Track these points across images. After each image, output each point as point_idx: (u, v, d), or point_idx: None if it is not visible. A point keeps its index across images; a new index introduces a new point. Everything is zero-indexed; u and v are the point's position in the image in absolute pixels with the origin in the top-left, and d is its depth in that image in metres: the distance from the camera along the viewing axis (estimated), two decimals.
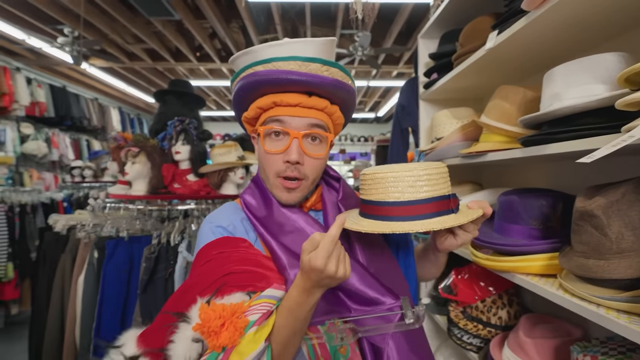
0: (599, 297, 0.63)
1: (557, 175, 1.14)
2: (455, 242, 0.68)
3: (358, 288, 0.63)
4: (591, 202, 0.66)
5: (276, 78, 0.63)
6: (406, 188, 0.60)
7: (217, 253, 0.63)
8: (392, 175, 0.61)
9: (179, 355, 0.51)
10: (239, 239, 0.66)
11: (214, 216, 0.71)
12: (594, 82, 0.70)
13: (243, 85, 0.66)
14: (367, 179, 0.64)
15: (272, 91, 0.66)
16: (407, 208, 0.60)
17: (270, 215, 0.69)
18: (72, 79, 5.70)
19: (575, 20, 0.80)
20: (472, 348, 1.13)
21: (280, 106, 0.65)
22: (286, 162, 0.66)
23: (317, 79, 0.64)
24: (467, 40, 1.16)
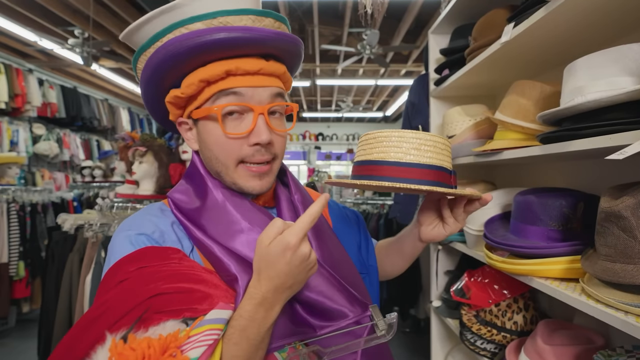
0: (627, 304, 0.59)
1: (574, 174, 1.09)
2: (444, 231, 0.64)
3: (324, 298, 0.52)
4: (618, 202, 0.62)
5: (235, 37, 0.47)
6: (410, 150, 0.56)
7: (135, 269, 0.46)
8: (396, 135, 0.57)
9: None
10: (169, 249, 0.50)
11: (132, 222, 0.54)
12: (620, 75, 0.66)
13: (176, 51, 0.48)
14: (368, 139, 0.60)
15: (220, 57, 0.50)
16: (408, 170, 0.55)
17: (211, 213, 0.53)
18: (83, 80, 5.78)
19: (596, 8, 0.75)
20: (486, 354, 1.09)
21: (236, 75, 0.50)
22: (255, 144, 0.52)
23: (283, 38, 0.52)
24: (481, 34, 1.12)
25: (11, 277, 2.94)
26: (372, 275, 0.70)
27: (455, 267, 1.50)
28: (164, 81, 0.53)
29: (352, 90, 7.11)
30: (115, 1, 3.59)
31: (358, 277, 0.61)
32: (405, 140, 0.56)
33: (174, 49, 0.48)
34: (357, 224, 0.75)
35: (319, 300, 0.52)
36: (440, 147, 0.58)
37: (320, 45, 4.68)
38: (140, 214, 0.57)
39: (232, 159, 0.54)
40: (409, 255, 0.75)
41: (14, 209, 2.94)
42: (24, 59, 4.56)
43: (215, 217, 0.53)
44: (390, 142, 0.57)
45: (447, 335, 1.56)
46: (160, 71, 0.51)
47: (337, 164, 9.30)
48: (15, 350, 2.80)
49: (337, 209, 0.75)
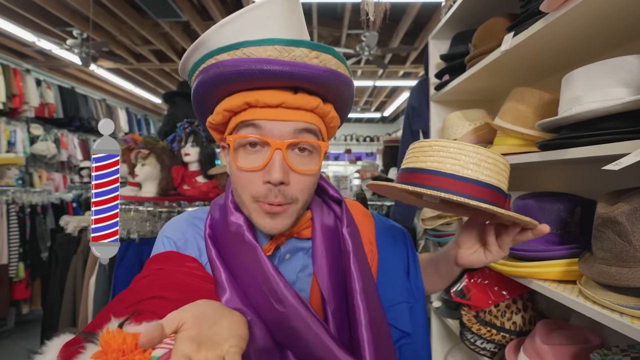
0: (622, 306, 0.62)
1: (571, 179, 1.12)
2: (484, 258, 0.59)
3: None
4: (614, 208, 0.65)
5: (247, 69, 0.45)
6: (468, 164, 0.52)
7: (156, 269, 0.53)
8: (455, 146, 0.53)
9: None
10: (186, 257, 0.54)
11: (169, 225, 0.60)
12: (615, 86, 0.69)
13: (203, 80, 0.49)
14: (423, 146, 0.56)
15: (243, 88, 0.48)
16: (464, 185, 0.50)
17: (230, 242, 0.54)
18: (81, 80, 5.76)
19: (594, 21, 0.78)
20: (486, 353, 1.12)
21: (256, 107, 0.48)
22: (267, 182, 0.49)
23: (306, 70, 0.46)
24: (481, 42, 1.14)
25: (11, 278, 2.94)
26: (420, 299, 0.65)
27: None
28: (204, 108, 0.54)
29: None
30: (115, 2, 3.59)
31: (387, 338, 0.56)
32: (465, 153, 0.53)
33: (201, 80, 0.49)
34: (404, 246, 0.69)
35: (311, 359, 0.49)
36: (500, 167, 0.54)
37: None
38: (179, 218, 0.62)
39: (246, 194, 0.51)
40: (444, 277, 0.70)
41: (13, 210, 2.94)
42: (22, 59, 4.54)
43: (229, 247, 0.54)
44: (447, 153, 0.53)
45: (446, 335, 1.58)
46: (199, 99, 0.52)
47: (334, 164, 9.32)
48: (15, 352, 2.79)
49: (385, 230, 0.69)
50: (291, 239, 0.58)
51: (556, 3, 0.73)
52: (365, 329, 0.51)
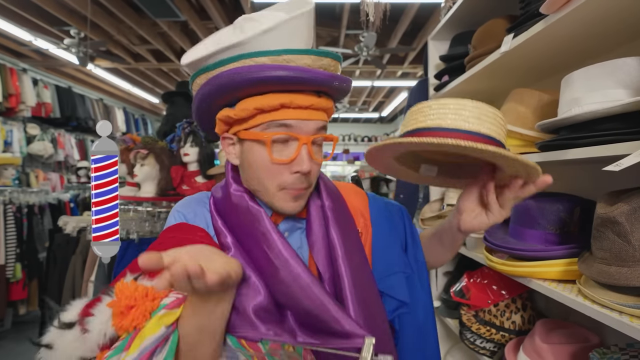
0: (622, 305, 0.62)
1: (571, 179, 1.13)
2: (487, 220, 0.60)
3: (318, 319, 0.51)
4: (613, 208, 0.66)
5: (294, 76, 0.52)
6: (469, 118, 0.52)
7: (170, 237, 0.57)
8: (454, 102, 0.53)
9: (94, 330, 0.44)
10: (196, 228, 0.59)
11: (182, 201, 0.66)
12: (614, 87, 0.70)
13: (241, 79, 0.52)
14: (422, 108, 0.56)
15: (277, 89, 0.54)
16: (467, 136, 0.50)
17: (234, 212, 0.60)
18: (78, 79, 5.73)
19: (593, 23, 0.79)
20: (486, 352, 1.12)
21: (289, 108, 0.54)
22: (295, 172, 0.56)
23: (339, 80, 0.56)
24: (481, 43, 1.15)
25: (8, 279, 2.92)
26: (422, 271, 0.68)
27: (454, 268, 1.54)
28: (220, 100, 0.57)
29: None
30: (112, 1, 3.57)
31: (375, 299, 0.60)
32: (465, 108, 0.53)
33: (240, 77, 0.52)
34: (402, 221, 0.72)
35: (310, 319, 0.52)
36: (499, 122, 0.54)
37: (318, 46, 4.70)
38: (190, 198, 0.67)
39: (275, 184, 0.57)
40: (449, 246, 0.71)
41: (10, 211, 2.92)
42: (19, 58, 4.52)
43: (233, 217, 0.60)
44: (447, 110, 0.53)
45: (446, 335, 1.59)
46: (221, 92, 0.55)
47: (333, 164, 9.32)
48: (13, 353, 2.78)
49: (378, 206, 0.72)
50: (287, 219, 0.63)
51: (556, 5, 0.73)
52: (349, 290, 0.56)
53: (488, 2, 1.23)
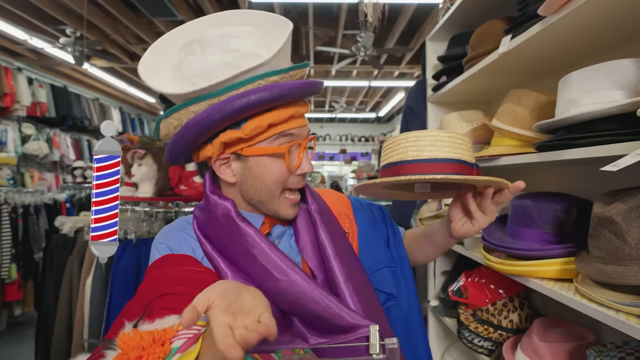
0: (618, 303, 0.63)
1: (568, 179, 1.14)
2: (473, 227, 0.65)
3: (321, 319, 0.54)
4: (610, 208, 0.67)
5: (306, 90, 0.58)
6: (426, 147, 0.59)
7: (158, 274, 0.57)
8: (412, 135, 0.60)
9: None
10: (184, 257, 0.59)
11: (162, 233, 0.66)
12: (611, 89, 0.71)
13: (266, 98, 0.54)
14: (389, 144, 0.63)
15: (284, 104, 0.57)
16: (426, 165, 0.57)
17: (223, 233, 0.60)
18: (73, 79, 5.69)
19: (590, 25, 0.80)
20: (484, 351, 1.13)
21: (294, 118, 0.59)
22: (301, 174, 0.61)
23: (322, 86, 0.63)
24: (479, 44, 1.16)
25: (3, 279, 2.90)
26: (404, 265, 0.74)
27: (452, 267, 1.55)
28: (228, 122, 0.56)
29: (345, 91, 7.15)
30: (109, 0, 3.55)
31: (369, 291, 0.63)
32: (421, 138, 0.59)
33: (266, 96, 0.54)
34: (382, 220, 0.77)
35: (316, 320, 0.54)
36: (457, 142, 0.60)
37: (315, 46, 4.70)
38: (169, 227, 0.67)
39: (281, 188, 0.61)
40: (441, 247, 0.76)
41: (5, 211, 2.89)
42: (13, 57, 4.48)
43: (224, 236, 0.60)
44: (407, 143, 0.60)
45: (444, 334, 1.60)
46: (237, 114, 0.54)
47: (330, 164, 9.33)
48: (8, 354, 2.75)
49: (362, 208, 0.77)
50: (276, 226, 0.66)
51: (554, 7, 0.74)
52: (345, 286, 0.59)
53: (486, 3, 1.23)
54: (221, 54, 0.58)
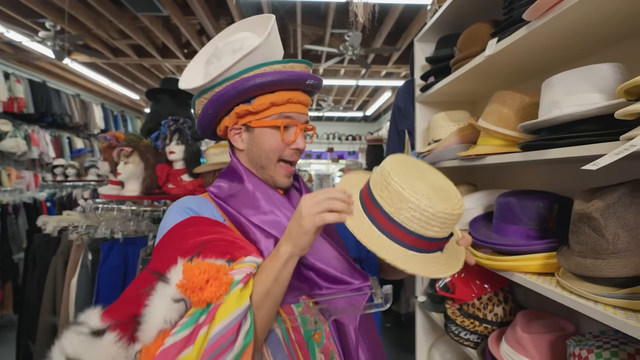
0: (597, 295, 0.67)
1: (550, 177, 1.19)
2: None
3: (330, 267, 0.68)
4: (589, 205, 0.70)
5: (303, 79, 0.71)
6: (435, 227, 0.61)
7: (191, 232, 0.62)
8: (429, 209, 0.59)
9: (158, 317, 0.47)
10: (214, 221, 0.68)
11: (179, 201, 0.73)
12: (591, 91, 0.74)
13: (264, 79, 0.69)
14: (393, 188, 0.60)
15: (285, 89, 0.72)
16: (419, 241, 0.61)
17: (242, 197, 0.73)
18: (53, 74, 5.51)
19: (572, 30, 0.84)
20: (470, 344, 1.17)
21: (292, 103, 0.73)
22: (294, 149, 0.75)
23: (321, 82, 0.77)
24: (466, 46, 1.19)
25: None
26: (371, 262, 0.84)
27: None
28: (240, 98, 0.72)
29: (333, 89, 7.17)
30: None
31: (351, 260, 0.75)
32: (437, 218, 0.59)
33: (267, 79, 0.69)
34: None
35: (326, 269, 0.68)
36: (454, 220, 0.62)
37: (303, 45, 4.70)
38: (182, 199, 0.74)
39: (277, 157, 0.75)
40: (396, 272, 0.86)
41: None
42: None
43: (245, 201, 0.72)
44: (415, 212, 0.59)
45: (431, 328, 1.64)
46: (246, 91, 0.70)
47: (317, 162, 9.33)
48: None
49: None
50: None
51: (539, 12, 0.77)
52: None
53: (473, 6, 1.27)
54: (231, 55, 0.73)
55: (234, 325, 0.48)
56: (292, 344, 0.63)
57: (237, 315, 0.49)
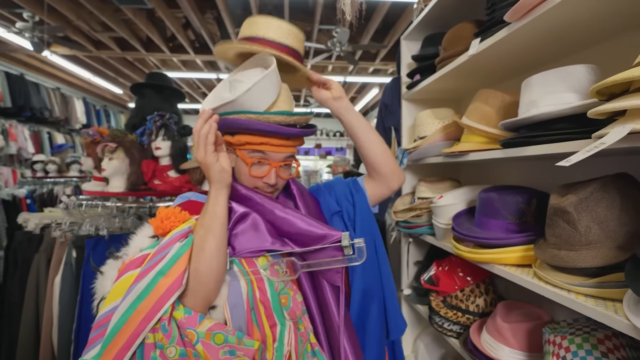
0: (569, 284, 0.71)
1: (529, 173, 1.24)
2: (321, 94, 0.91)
3: (302, 228, 0.77)
4: (564, 199, 0.74)
5: (272, 131, 0.78)
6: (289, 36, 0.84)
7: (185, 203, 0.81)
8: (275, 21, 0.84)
9: (135, 245, 0.70)
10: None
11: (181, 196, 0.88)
12: (566, 91, 0.78)
13: (238, 124, 0.78)
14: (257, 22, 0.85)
15: (260, 134, 0.79)
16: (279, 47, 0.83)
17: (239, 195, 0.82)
18: (31, 66, 5.32)
19: (550, 32, 0.87)
20: (453, 334, 1.21)
21: (267, 145, 0.80)
22: (265, 183, 0.82)
23: (299, 133, 0.82)
24: (450, 45, 1.22)
25: None
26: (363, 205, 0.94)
27: (424, 257, 1.63)
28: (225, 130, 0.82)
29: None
30: None
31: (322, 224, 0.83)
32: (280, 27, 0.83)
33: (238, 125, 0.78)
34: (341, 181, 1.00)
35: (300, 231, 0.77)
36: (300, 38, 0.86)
37: None
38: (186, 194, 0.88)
39: (250, 186, 0.83)
40: (349, 126, 0.95)
41: None
42: None
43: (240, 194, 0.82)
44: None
45: (416, 321, 1.69)
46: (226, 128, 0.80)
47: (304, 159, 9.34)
48: None
49: (317, 188, 0.99)
50: None
51: (518, 14, 0.80)
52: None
53: (458, 6, 1.30)
54: (230, 93, 0.84)
55: (174, 238, 0.67)
56: (256, 301, 0.69)
57: (175, 234, 0.68)
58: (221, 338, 0.62)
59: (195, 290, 0.66)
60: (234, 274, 0.71)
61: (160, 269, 0.63)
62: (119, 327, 0.60)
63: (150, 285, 0.62)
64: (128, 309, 0.61)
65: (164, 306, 0.61)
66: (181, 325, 0.62)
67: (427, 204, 1.33)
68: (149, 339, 0.61)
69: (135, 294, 0.62)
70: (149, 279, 0.62)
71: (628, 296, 0.61)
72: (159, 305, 0.61)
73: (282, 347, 0.68)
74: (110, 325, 0.61)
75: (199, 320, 0.63)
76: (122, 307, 0.61)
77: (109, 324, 0.62)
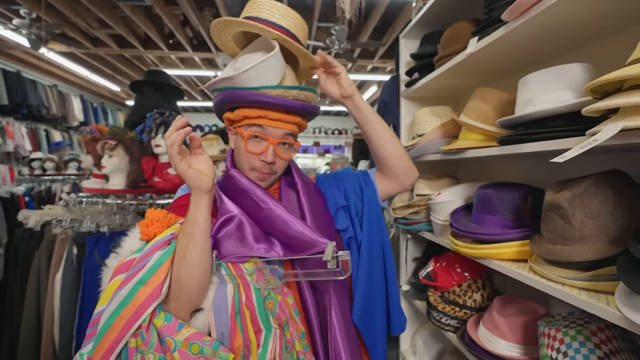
0: (564, 278, 0.73)
1: (526, 170, 1.25)
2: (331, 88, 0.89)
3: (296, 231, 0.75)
4: (559, 195, 0.76)
5: (267, 101, 0.76)
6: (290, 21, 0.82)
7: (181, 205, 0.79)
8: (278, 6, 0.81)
9: (127, 247, 0.71)
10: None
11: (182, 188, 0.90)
12: (562, 89, 0.79)
13: (235, 96, 0.77)
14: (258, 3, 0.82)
15: (260, 107, 0.78)
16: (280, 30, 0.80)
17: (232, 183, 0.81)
18: (28, 63, 5.29)
19: (547, 31, 0.89)
20: (450, 329, 1.23)
21: (264, 118, 0.78)
22: (262, 161, 0.79)
23: (297, 105, 0.78)
24: (448, 44, 1.23)
25: None
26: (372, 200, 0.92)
27: (422, 254, 1.65)
28: (226, 106, 0.82)
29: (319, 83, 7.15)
30: None
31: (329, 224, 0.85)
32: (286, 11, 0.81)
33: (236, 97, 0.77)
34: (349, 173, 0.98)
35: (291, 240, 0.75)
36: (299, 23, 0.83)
37: None
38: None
39: (248, 166, 0.81)
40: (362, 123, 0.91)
41: None
42: None
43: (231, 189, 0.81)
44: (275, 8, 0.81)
45: (414, 316, 1.71)
46: (226, 102, 0.80)
47: (303, 156, 9.34)
48: None
49: (324, 178, 0.98)
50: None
51: (515, 13, 0.82)
52: (309, 219, 0.81)
53: (455, 5, 1.31)
54: (231, 68, 0.83)
55: (156, 246, 0.68)
56: (242, 306, 0.69)
57: (157, 241, 0.69)
58: (197, 348, 0.63)
59: (178, 295, 0.67)
60: (222, 277, 0.71)
61: (140, 278, 0.65)
62: (105, 330, 0.63)
63: (131, 294, 0.64)
64: (112, 314, 0.63)
65: (143, 314, 0.63)
66: (161, 333, 0.64)
67: (426, 200, 1.35)
68: (131, 343, 0.64)
69: (117, 300, 0.64)
70: (130, 287, 0.64)
71: (620, 289, 0.63)
72: (139, 313, 0.63)
73: (265, 355, 0.67)
74: (99, 326, 0.64)
75: (177, 328, 0.64)
76: (107, 312, 0.64)
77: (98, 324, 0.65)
